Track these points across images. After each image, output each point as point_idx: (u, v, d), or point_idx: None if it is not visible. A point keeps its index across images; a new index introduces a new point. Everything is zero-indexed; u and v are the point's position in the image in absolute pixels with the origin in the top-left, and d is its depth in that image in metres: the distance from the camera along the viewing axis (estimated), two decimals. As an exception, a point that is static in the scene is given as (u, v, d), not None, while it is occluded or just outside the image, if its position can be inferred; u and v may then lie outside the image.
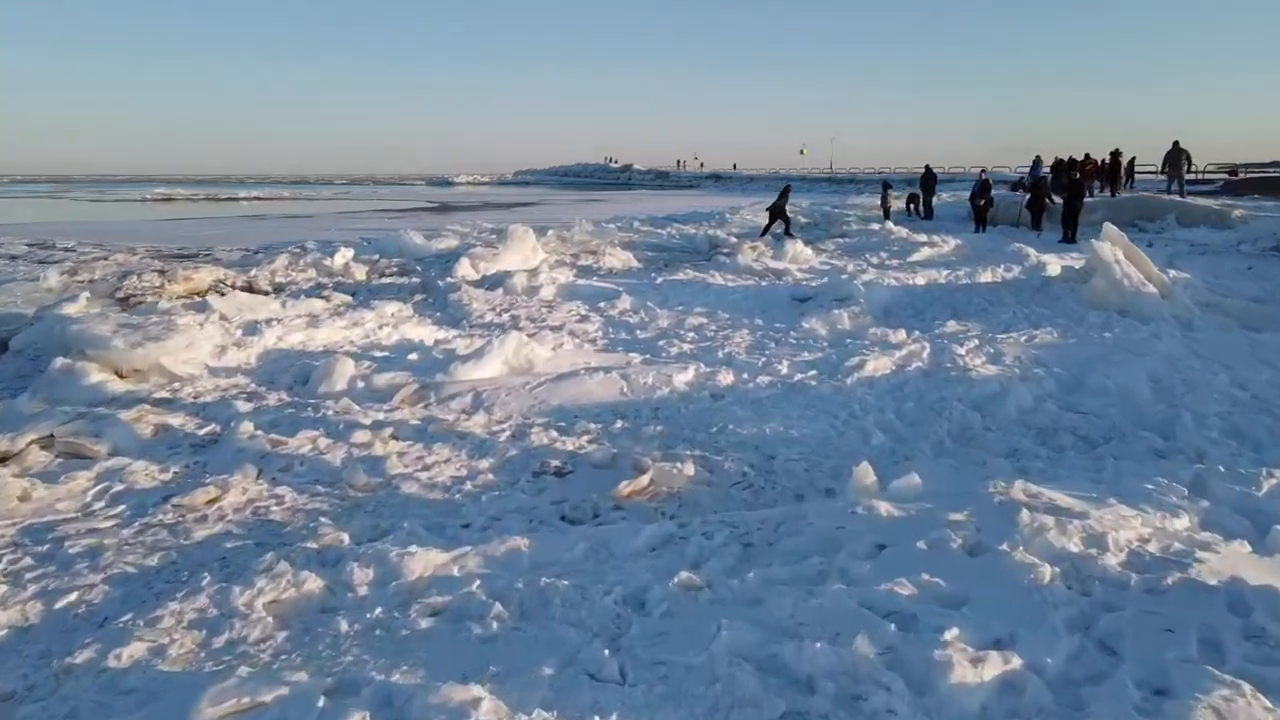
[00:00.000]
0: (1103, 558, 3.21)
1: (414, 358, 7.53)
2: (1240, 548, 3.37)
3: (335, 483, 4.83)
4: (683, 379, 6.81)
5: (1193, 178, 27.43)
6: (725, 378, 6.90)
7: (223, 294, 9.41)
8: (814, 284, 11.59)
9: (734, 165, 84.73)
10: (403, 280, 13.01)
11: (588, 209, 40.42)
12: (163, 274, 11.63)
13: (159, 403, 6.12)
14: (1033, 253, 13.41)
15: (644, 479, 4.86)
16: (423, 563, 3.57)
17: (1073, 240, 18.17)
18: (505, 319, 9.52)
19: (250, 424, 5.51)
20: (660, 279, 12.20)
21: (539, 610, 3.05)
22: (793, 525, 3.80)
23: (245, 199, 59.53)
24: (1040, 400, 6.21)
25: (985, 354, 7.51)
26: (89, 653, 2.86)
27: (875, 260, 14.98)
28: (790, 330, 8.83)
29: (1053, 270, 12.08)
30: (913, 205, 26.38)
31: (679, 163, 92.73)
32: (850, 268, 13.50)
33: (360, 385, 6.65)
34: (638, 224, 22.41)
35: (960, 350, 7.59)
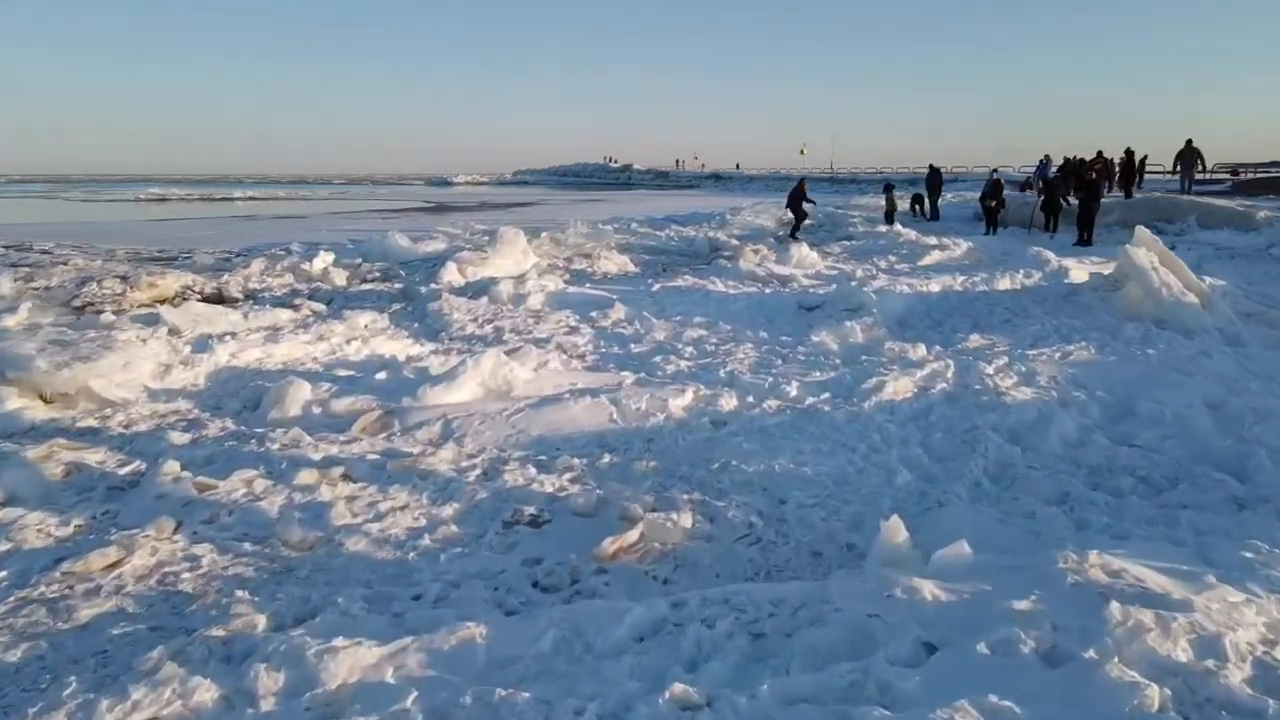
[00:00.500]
0: (1223, 672, 2.46)
1: (382, 377, 6.78)
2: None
3: (267, 538, 4.08)
4: (680, 404, 6.07)
5: (1202, 177, 26.72)
6: (727, 402, 6.16)
7: (180, 303, 8.64)
8: (821, 291, 10.84)
9: (737, 165, 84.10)
10: (384, 286, 12.25)
11: (585, 209, 39.65)
12: (125, 280, 10.88)
13: (81, 434, 5.37)
14: (1052, 257, 12.64)
15: (633, 534, 4.11)
16: (349, 664, 2.82)
17: (1088, 243, 17.45)
18: (488, 331, 8.76)
19: (177, 463, 4.75)
20: (657, 285, 11.43)
21: (486, 748, 2.31)
22: (814, 610, 3.05)
23: (240, 199, 58.80)
24: (1086, 431, 5.46)
25: (1016, 373, 6.76)
26: None
27: (884, 264, 14.24)
28: (798, 344, 8.07)
29: (1077, 276, 11.31)
30: (918, 206, 25.64)
31: (678, 162, 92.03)
32: (859, 273, 12.75)
33: (317, 411, 5.91)
34: (635, 225, 21.64)
35: (988, 369, 6.84)
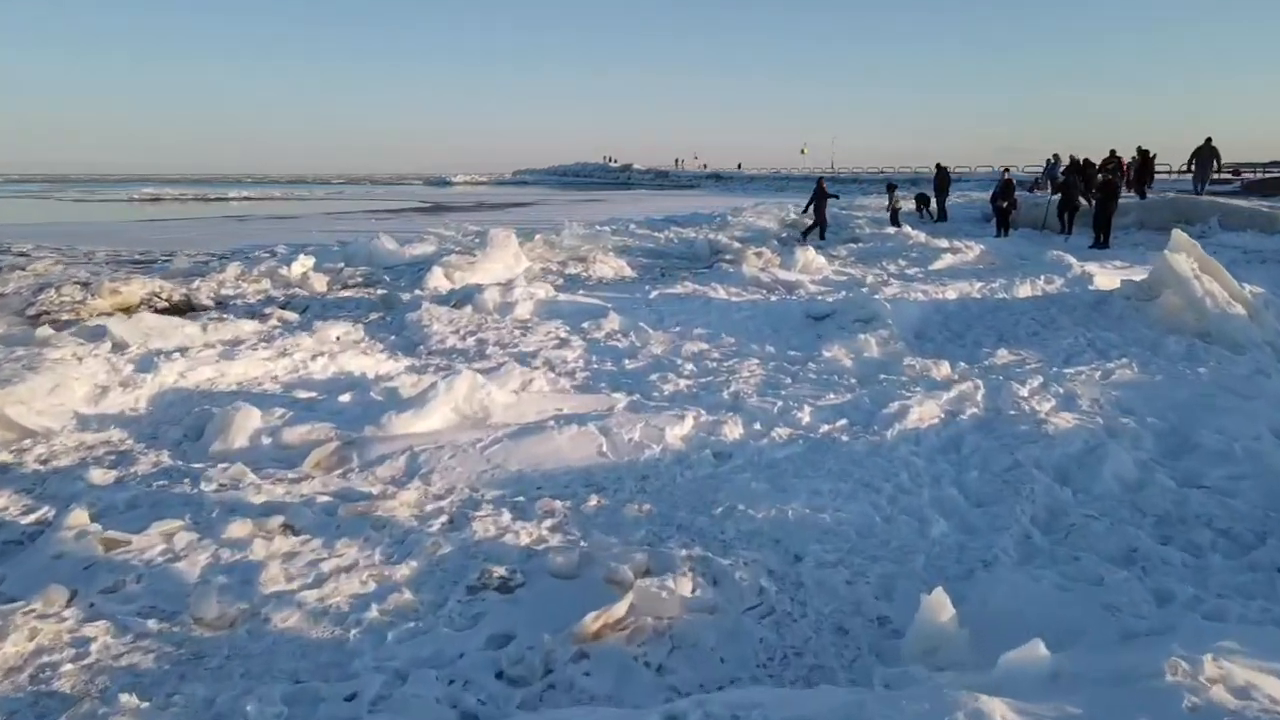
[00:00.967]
0: None
1: (346, 399, 6.08)
2: None
3: (177, 614, 3.37)
4: (678, 433, 5.37)
5: (1216, 178, 26.03)
6: (732, 430, 5.46)
7: (136, 314, 7.94)
8: (830, 299, 10.13)
9: (739, 165, 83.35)
10: (365, 293, 11.53)
11: (584, 209, 38.96)
12: (86, 287, 10.18)
13: (-12, 473, 4.67)
14: (1074, 261, 11.94)
15: (621, 606, 3.40)
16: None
17: (1105, 245, 16.79)
18: (470, 344, 8.05)
19: (87, 511, 4.05)
20: (655, 292, 10.71)
21: None
22: (850, 739, 2.35)
23: (235, 199, 58.16)
24: (1145, 468, 4.75)
25: (1054, 396, 6.06)
26: None
27: (894, 269, 13.55)
28: (809, 360, 7.36)
29: (1103, 282, 10.63)
30: (924, 207, 24.92)
31: (678, 162, 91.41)
32: (869, 279, 12.03)
33: (266, 441, 5.20)
34: (634, 226, 20.95)
35: (1022, 391, 6.14)
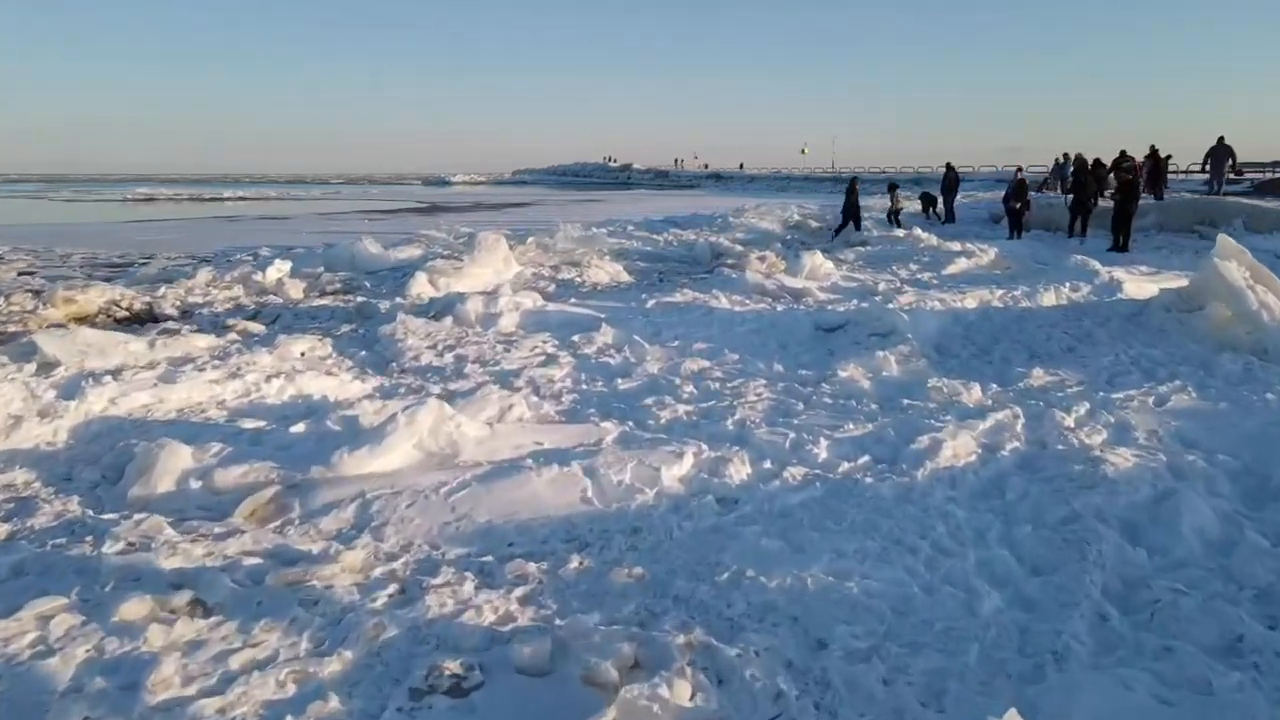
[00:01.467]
0: None
1: (300, 429, 5.33)
2: None
3: (29, 737, 2.64)
4: (676, 473, 4.63)
5: (1231, 178, 25.30)
6: (737, 469, 4.71)
7: (70, 328, 7.19)
8: (841, 309, 9.38)
9: (740, 165, 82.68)
10: (342, 301, 10.79)
11: (582, 210, 38.25)
12: (38, 295, 9.44)
13: None
14: (1099, 266, 11.20)
15: (600, 725, 2.67)
16: None
17: (1124, 248, 16.05)
18: (448, 361, 7.31)
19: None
20: (652, 301, 9.95)
21: None
22: None
23: (229, 199, 57.52)
24: (1230, 520, 4.00)
25: (1104, 426, 5.32)
26: None
27: (905, 274, 12.81)
28: (821, 381, 6.61)
29: (1133, 290, 9.88)
30: (931, 207, 24.18)
31: (677, 161, 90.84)
32: (881, 285, 11.28)
33: (195, 485, 4.46)
34: (632, 228, 20.21)
35: (1067, 420, 5.39)
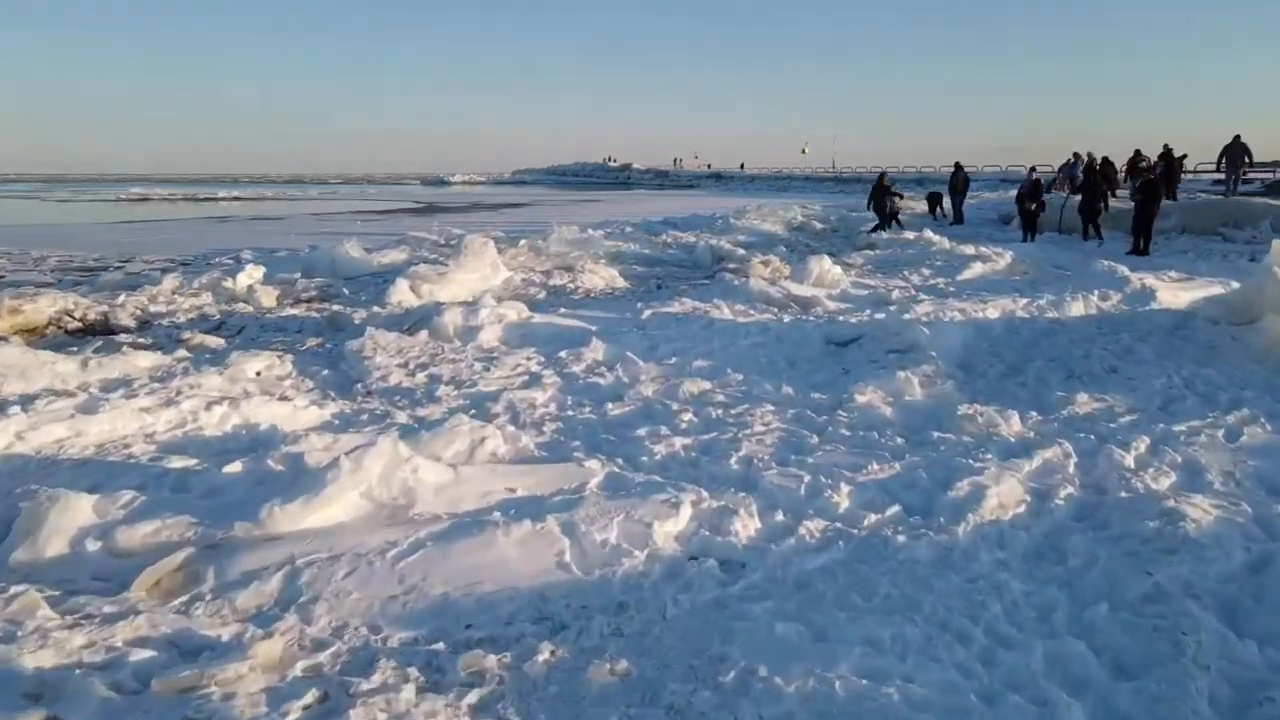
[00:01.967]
0: None
1: (234, 470, 4.58)
2: None
3: None
4: (671, 529, 3.88)
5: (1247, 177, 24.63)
6: (744, 524, 3.96)
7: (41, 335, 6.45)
8: (854, 319, 8.64)
9: (741, 165, 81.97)
10: (315, 310, 10.04)
11: (581, 210, 37.52)
12: (-20, 306, 8.70)
13: None
14: (1129, 272, 10.45)
15: None
16: None
17: (1145, 252, 15.34)
18: (419, 381, 6.56)
19: None
20: (648, 311, 9.18)
21: None
22: None
23: (224, 199, 56.86)
24: (1350, 600, 3.27)
25: (1171, 467, 4.56)
26: None
27: (918, 279, 12.06)
28: (837, 407, 5.85)
29: (1167, 299, 9.15)
30: (939, 208, 23.42)
31: (677, 161, 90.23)
32: (895, 293, 10.52)
33: (94, 547, 3.72)
34: (629, 230, 19.44)
35: (1127, 459, 4.63)
